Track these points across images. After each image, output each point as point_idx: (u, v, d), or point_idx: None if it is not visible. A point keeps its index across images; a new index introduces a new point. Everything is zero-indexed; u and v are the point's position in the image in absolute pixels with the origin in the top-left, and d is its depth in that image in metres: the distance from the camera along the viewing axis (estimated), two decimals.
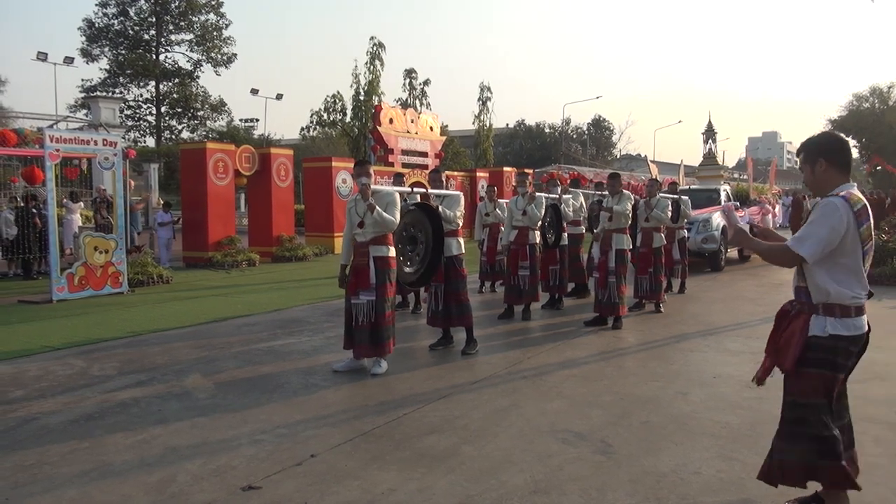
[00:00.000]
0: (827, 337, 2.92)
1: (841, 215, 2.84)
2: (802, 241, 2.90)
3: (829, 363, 2.93)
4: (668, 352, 6.85)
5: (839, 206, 2.86)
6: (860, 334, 2.96)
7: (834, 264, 2.90)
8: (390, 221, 5.93)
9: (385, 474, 3.81)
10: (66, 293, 10.27)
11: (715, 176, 19.65)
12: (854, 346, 2.96)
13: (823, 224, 2.85)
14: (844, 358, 2.95)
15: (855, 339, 2.94)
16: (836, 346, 2.92)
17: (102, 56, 48.44)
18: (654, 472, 3.79)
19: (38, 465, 3.97)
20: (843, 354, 2.94)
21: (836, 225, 2.84)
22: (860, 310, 2.95)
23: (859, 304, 2.94)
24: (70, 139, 10.58)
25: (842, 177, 3.02)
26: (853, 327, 2.93)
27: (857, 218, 2.86)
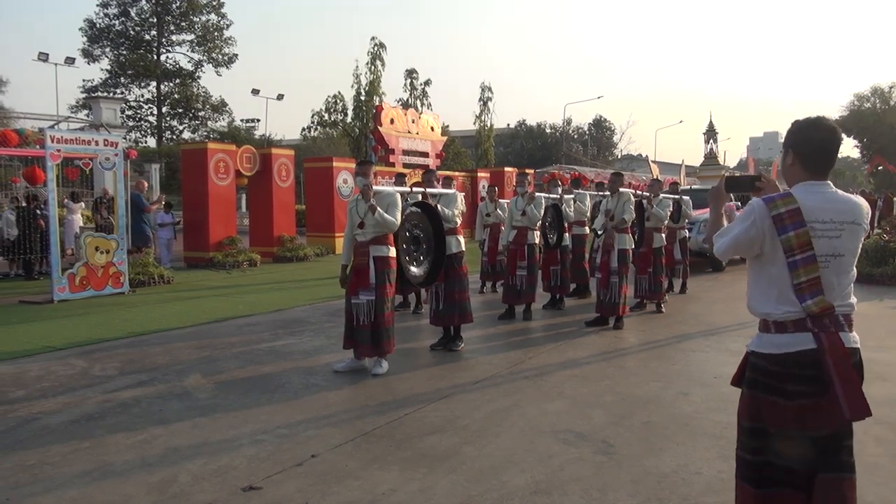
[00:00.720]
0: (749, 353, 2.61)
1: (754, 220, 2.47)
2: (720, 236, 2.61)
3: (751, 382, 2.56)
4: (670, 352, 6.85)
5: (754, 209, 2.48)
6: (781, 353, 2.44)
7: (761, 272, 2.55)
8: (391, 222, 5.93)
9: (386, 474, 3.81)
10: (67, 293, 10.27)
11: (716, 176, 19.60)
12: (777, 366, 2.45)
13: (736, 225, 2.54)
14: (766, 377, 2.48)
15: (775, 358, 2.45)
16: (754, 364, 2.55)
17: (104, 56, 48.48)
18: (656, 473, 3.79)
19: (39, 465, 3.97)
20: (763, 373, 2.49)
21: (746, 229, 2.49)
22: (781, 326, 2.46)
23: (780, 321, 2.46)
24: (71, 139, 10.58)
25: (806, 174, 2.54)
26: (770, 344, 2.49)
27: (776, 224, 2.45)
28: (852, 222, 2.48)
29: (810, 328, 2.43)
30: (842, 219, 2.46)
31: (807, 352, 2.41)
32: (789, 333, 2.44)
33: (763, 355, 2.50)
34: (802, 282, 2.43)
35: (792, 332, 2.44)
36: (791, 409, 2.41)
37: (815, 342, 2.41)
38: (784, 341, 2.45)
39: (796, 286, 2.44)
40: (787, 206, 2.44)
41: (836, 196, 2.51)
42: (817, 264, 2.42)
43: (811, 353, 2.41)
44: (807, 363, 2.41)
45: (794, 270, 2.44)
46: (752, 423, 2.53)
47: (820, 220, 2.44)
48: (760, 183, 2.68)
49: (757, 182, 2.70)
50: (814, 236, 2.42)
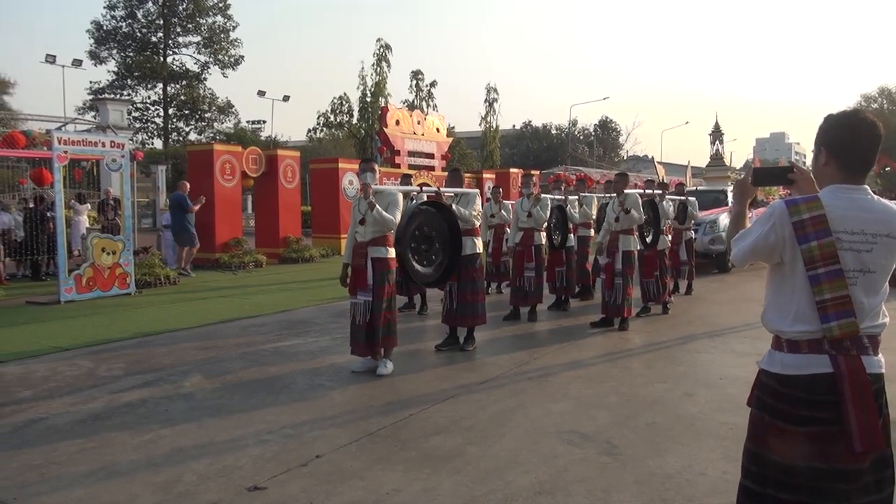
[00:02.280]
0: (759, 371, 2.36)
1: (773, 224, 2.21)
2: (738, 240, 2.36)
3: (759, 402, 2.33)
4: (675, 353, 6.84)
5: (774, 212, 2.22)
6: (791, 375, 2.20)
7: (781, 283, 2.29)
8: (389, 220, 5.93)
9: (390, 475, 3.81)
10: (73, 294, 10.31)
11: (722, 177, 19.60)
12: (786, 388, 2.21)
13: (755, 229, 2.29)
14: (775, 399, 2.24)
15: (782, 378, 2.23)
16: (763, 383, 2.32)
17: (110, 58, 48.62)
18: (660, 474, 3.78)
19: (46, 465, 3.99)
20: (772, 395, 2.26)
21: (764, 234, 2.23)
22: (794, 346, 2.21)
23: (793, 339, 2.22)
24: (78, 141, 10.64)
25: (840, 175, 2.25)
26: (780, 364, 2.25)
27: (797, 231, 2.17)
28: (887, 235, 2.18)
29: (827, 350, 2.17)
30: (874, 230, 2.17)
31: (821, 375, 2.17)
32: (802, 354, 2.20)
33: (772, 375, 2.27)
34: (827, 299, 2.15)
35: (805, 352, 2.20)
36: (800, 437, 2.18)
37: (831, 366, 2.16)
38: (796, 362, 2.21)
39: (819, 304, 2.17)
40: (812, 211, 2.18)
41: (871, 204, 2.22)
42: (844, 280, 2.15)
43: (826, 378, 2.16)
44: (820, 388, 2.16)
45: (817, 286, 2.16)
46: (756, 448, 2.31)
47: (848, 230, 2.16)
48: (794, 174, 2.38)
49: (789, 173, 2.39)
50: (839, 248, 2.15)
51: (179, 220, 14.11)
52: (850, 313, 2.15)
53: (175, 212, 14.19)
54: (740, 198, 2.56)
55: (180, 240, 14.21)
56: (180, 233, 14.13)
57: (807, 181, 2.40)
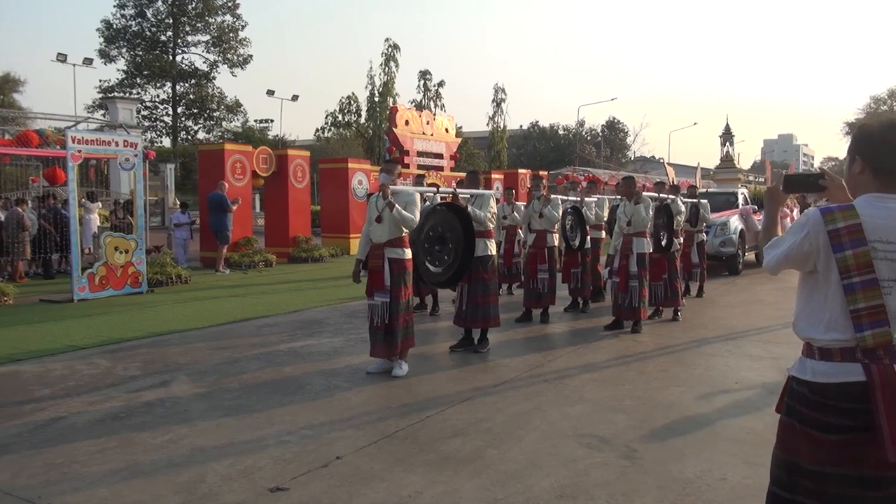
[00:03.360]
0: (790, 378, 2.35)
1: (808, 232, 2.21)
2: (771, 248, 2.36)
3: (789, 409, 2.32)
4: (689, 356, 6.84)
5: (809, 219, 2.23)
6: (823, 383, 2.19)
7: (813, 291, 2.28)
8: (410, 219, 5.94)
9: (411, 476, 3.83)
10: (87, 293, 10.37)
11: (732, 179, 19.54)
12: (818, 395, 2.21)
13: (788, 237, 2.28)
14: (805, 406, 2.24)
15: (813, 386, 2.21)
16: (794, 390, 2.31)
17: (120, 57, 48.92)
18: (681, 478, 3.79)
19: (68, 464, 4.02)
20: (803, 402, 2.25)
21: (798, 242, 2.23)
22: (826, 353, 2.21)
23: (825, 347, 2.21)
24: (92, 140, 10.68)
25: (875, 184, 2.23)
26: (812, 372, 2.23)
27: (832, 240, 2.16)
28: None
29: (860, 359, 2.16)
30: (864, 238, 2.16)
31: (853, 384, 2.16)
32: (835, 362, 2.20)
33: (804, 382, 2.26)
34: (861, 308, 2.14)
35: (838, 360, 2.19)
36: (830, 445, 2.17)
37: (864, 374, 2.14)
38: (828, 370, 2.20)
39: (853, 313, 2.16)
40: (847, 220, 2.16)
41: None
42: (879, 289, 2.13)
43: (858, 386, 2.15)
44: (852, 396, 2.15)
45: (851, 294, 2.15)
46: (786, 455, 2.31)
47: (883, 239, 2.14)
48: (825, 181, 2.37)
49: (821, 180, 2.37)
50: (875, 257, 2.13)
51: (220, 219, 14.45)
52: (885, 322, 2.14)
53: (215, 211, 14.49)
54: (771, 205, 2.55)
55: (220, 238, 14.53)
56: (220, 231, 14.47)
57: (838, 188, 2.40)
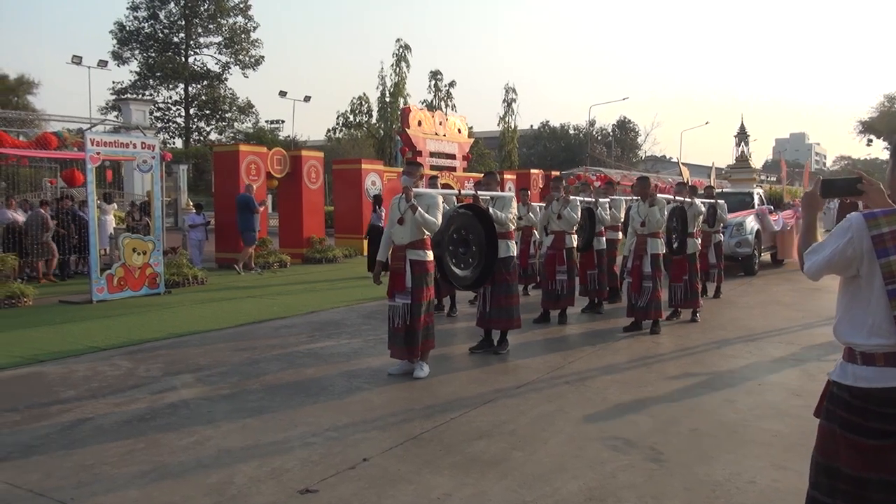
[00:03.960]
0: (831, 382, 2.36)
1: (851, 237, 2.21)
2: (811, 253, 2.38)
3: (829, 414, 2.33)
4: (710, 358, 6.82)
5: (852, 224, 2.22)
6: (865, 388, 2.21)
7: (855, 296, 2.29)
8: (432, 223, 5.96)
9: (438, 479, 3.84)
10: (105, 294, 10.44)
11: (747, 179, 19.43)
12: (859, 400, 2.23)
13: (830, 242, 2.29)
14: (846, 411, 2.25)
15: (854, 391, 2.23)
16: (834, 395, 2.32)
17: (133, 59, 49.21)
18: (709, 481, 3.78)
19: (98, 465, 4.05)
20: (843, 407, 2.26)
21: (841, 247, 2.24)
22: (869, 358, 2.22)
23: (868, 352, 2.22)
24: (110, 142, 10.75)
25: None
26: (854, 377, 2.25)
27: (876, 245, 2.17)
28: None
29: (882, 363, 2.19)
30: None
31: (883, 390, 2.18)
32: (877, 367, 2.20)
33: (845, 387, 2.27)
34: None
35: (881, 365, 2.19)
36: (871, 450, 2.19)
37: None
38: (870, 375, 2.21)
39: None
40: (891, 225, 2.16)
41: None
42: None
43: None
44: (895, 401, 2.17)
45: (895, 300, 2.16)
46: (826, 460, 2.32)
47: None
48: (863, 185, 2.36)
49: (858, 185, 2.37)
50: None
51: (247, 220, 14.63)
52: None
53: (242, 212, 14.68)
54: (809, 210, 2.54)
55: (246, 239, 14.75)
56: (246, 232, 14.67)
57: (877, 192, 2.40)
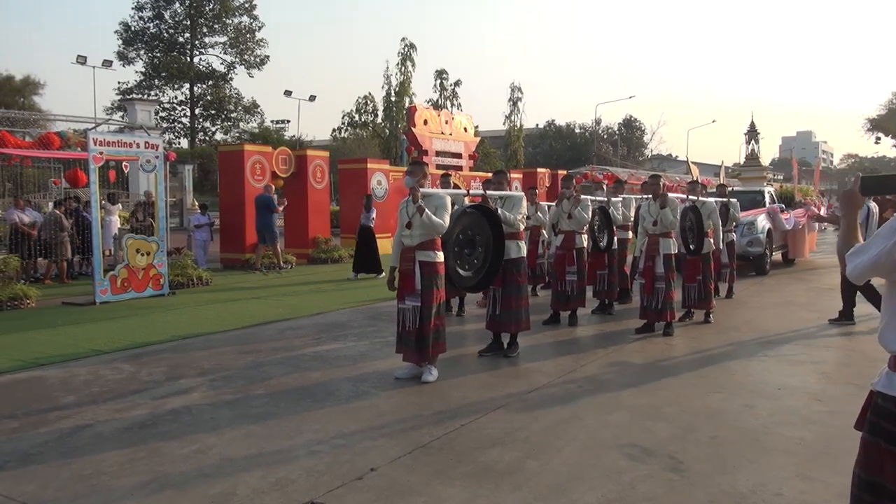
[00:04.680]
0: (876, 392, 2.22)
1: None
2: (855, 255, 2.25)
3: (873, 427, 2.19)
4: (725, 361, 6.63)
5: None
6: None
7: None
8: (439, 224, 5.80)
9: (450, 490, 3.68)
10: (108, 295, 10.31)
11: (758, 177, 19.20)
12: None
13: (877, 243, 2.17)
14: (892, 423, 2.13)
15: None
16: (879, 406, 2.19)
17: (138, 59, 49.14)
18: (733, 493, 3.61)
19: (97, 475, 3.90)
20: (890, 420, 2.14)
21: (889, 248, 2.12)
22: None
23: None
24: (113, 142, 10.62)
25: None
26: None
27: None
28: None
29: None
30: None
31: None
32: None
33: (891, 398, 2.13)
34: None
35: None
36: None
37: None
38: None
39: None
40: None
41: None
42: None
43: None
44: None
45: None
46: (870, 475, 2.18)
47: None
48: None
49: None
50: None
51: (266, 219, 14.69)
52: None
53: (262, 212, 14.76)
54: (849, 208, 2.39)
55: (265, 238, 14.86)
56: (266, 231, 14.75)
57: None
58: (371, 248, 13.68)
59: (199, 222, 15.93)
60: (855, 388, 5.54)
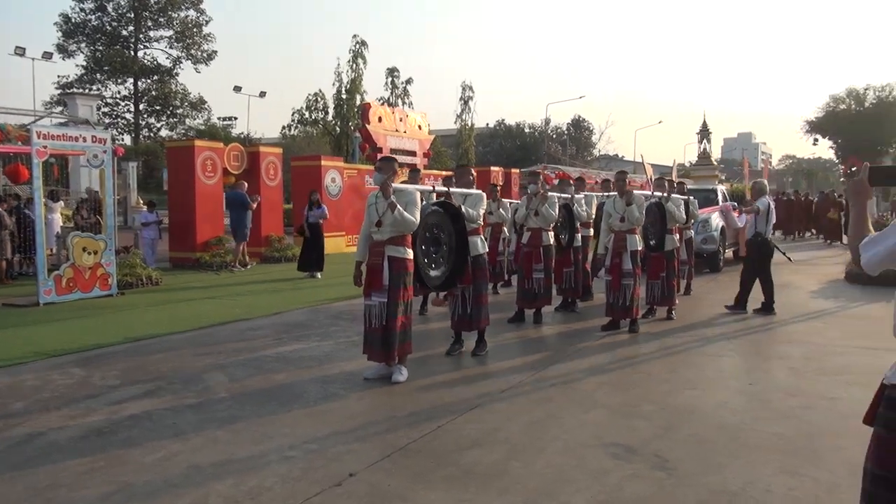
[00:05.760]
0: (888, 386, 2.19)
1: None
2: (868, 246, 2.22)
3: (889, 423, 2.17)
4: (694, 357, 6.64)
5: None
6: None
7: None
8: (410, 221, 5.64)
9: (433, 494, 3.54)
10: (53, 296, 9.84)
11: (710, 176, 19.55)
12: None
13: (890, 234, 2.15)
14: None
15: None
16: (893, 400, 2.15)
17: (79, 52, 47.41)
18: (724, 491, 3.55)
19: (54, 488, 3.64)
20: None
21: None
22: None
23: None
24: (58, 135, 10.15)
25: None
26: None
27: None
28: None
29: None
30: None
31: None
32: None
33: None
34: None
35: None
36: None
37: None
38: None
39: None
40: None
41: None
42: None
43: None
44: None
45: None
46: (884, 470, 2.12)
47: None
48: None
49: None
50: None
51: (240, 217, 14.60)
52: None
53: (236, 209, 14.67)
54: (858, 198, 2.34)
55: (238, 235, 14.78)
56: (239, 229, 14.63)
57: None
58: (319, 247, 13.45)
59: (146, 220, 15.37)
60: (824, 383, 5.59)
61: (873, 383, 2.29)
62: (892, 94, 51.78)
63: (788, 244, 22.47)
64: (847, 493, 3.35)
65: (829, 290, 11.44)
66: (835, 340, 7.28)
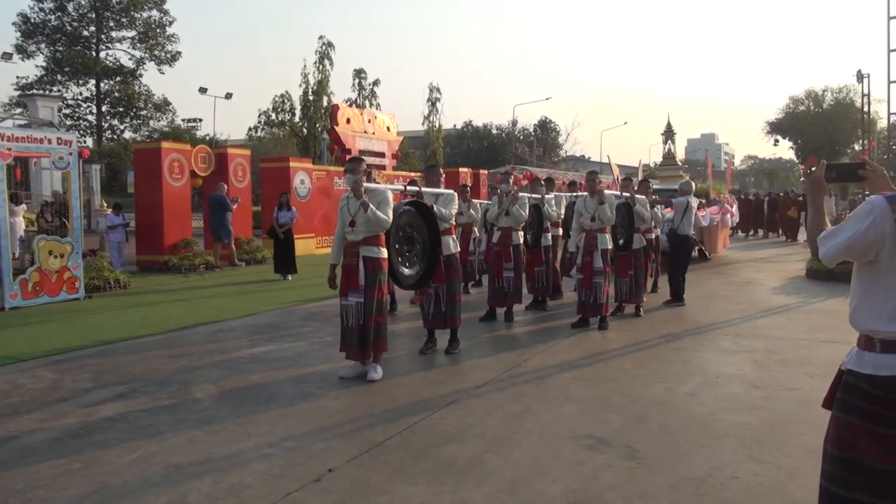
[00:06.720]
0: (846, 372, 2.30)
1: (874, 220, 2.16)
2: (826, 239, 2.31)
3: (845, 405, 2.27)
4: (663, 352, 6.79)
5: (874, 207, 2.19)
6: (886, 376, 2.16)
7: (873, 281, 2.24)
8: (383, 220, 5.70)
9: (413, 488, 3.60)
10: (19, 300, 9.69)
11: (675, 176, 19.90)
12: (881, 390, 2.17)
13: (848, 227, 2.24)
14: (866, 401, 2.20)
15: (875, 380, 2.18)
16: (851, 384, 2.26)
17: (39, 53, 46.38)
18: (692, 478, 3.68)
19: (30, 489, 3.63)
20: (863, 397, 2.21)
21: (862, 231, 2.18)
22: (890, 346, 2.17)
23: (889, 339, 2.17)
24: (23, 137, 10.00)
25: None
26: (874, 365, 2.20)
27: None
28: None
29: None
30: None
31: None
32: (890, 354, 2.17)
33: (863, 376, 2.21)
34: None
35: (889, 352, 2.17)
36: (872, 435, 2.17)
37: None
38: (892, 362, 2.16)
39: None
40: None
41: None
42: None
43: None
44: None
45: None
46: (843, 452, 2.25)
47: None
48: (865, 171, 2.39)
49: (861, 170, 2.41)
50: None
51: (220, 218, 14.91)
52: None
53: (216, 210, 14.95)
54: (816, 193, 2.51)
55: (218, 236, 15.05)
56: (220, 229, 14.97)
57: (880, 178, 2.40)
58: (291, 248, 13.45)
59: (112, 223, 15.17)
60: (786, 374, 5.78)
61: (831, 374, 2.42)
62: (848, 95, 53.01)
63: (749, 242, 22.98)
64: (807, 477, 3.48)
65: (791, 286, 11.74)
66: (796, 334, 7.52)
